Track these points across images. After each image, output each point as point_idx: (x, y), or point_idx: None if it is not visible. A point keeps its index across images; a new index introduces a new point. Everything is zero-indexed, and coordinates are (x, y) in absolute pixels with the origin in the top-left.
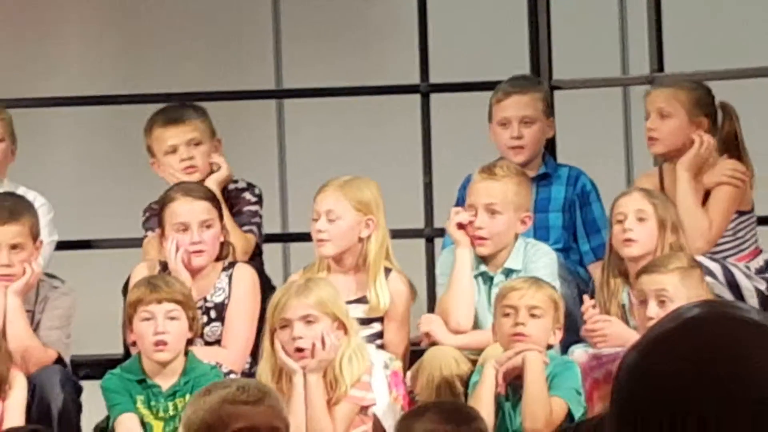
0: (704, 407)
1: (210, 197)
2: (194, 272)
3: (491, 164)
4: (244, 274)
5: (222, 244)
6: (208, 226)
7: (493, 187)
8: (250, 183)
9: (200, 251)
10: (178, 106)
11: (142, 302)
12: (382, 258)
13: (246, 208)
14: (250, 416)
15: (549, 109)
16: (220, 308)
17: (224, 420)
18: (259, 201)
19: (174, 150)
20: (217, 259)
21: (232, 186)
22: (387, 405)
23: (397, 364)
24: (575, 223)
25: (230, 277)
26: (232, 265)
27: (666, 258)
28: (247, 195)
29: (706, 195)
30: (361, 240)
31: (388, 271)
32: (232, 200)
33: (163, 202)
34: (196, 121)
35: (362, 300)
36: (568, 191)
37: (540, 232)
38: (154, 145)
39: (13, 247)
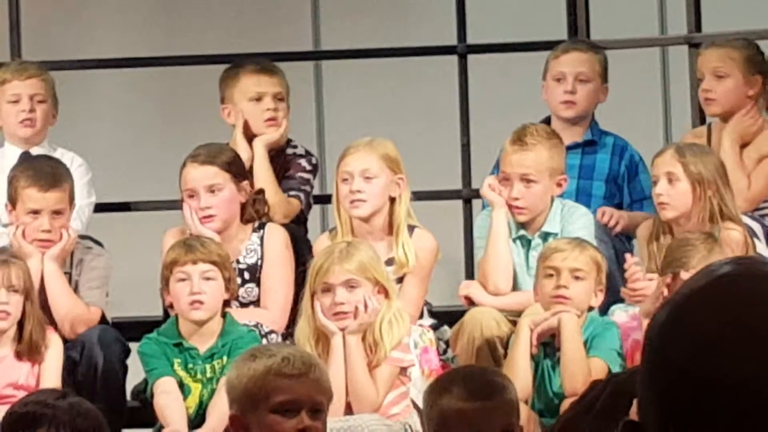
0: (740, 364)
1: (220, 161)
2: (219, 233)
3: (520, 132)
4: (276, 234)
5: (244, 206)
6: (218, 190)
7: (526, 157)
8: (308, 151)
9: (209, 216)
10: (264, 59)
11: (178, 263)
12: (406, 217)
13: (298, 174)
14: (292, 389)
15: (605, 74)
16: (253, 269)
17: (267, 391)
18: (314, 170)
19: (260, 98)
20: (246, 221)
21: (290, 150)
22: (420, 385)
23: (427, 339)
24: (622, 194)
25: (261, 239)
26: (262, 226)
27: (687, 251)
28: (303, 162)
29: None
30: (391, 200)
31: (411, 228)
32: (287, 164)
33: (180, 168)
34: (282, 78)
35: (388, 262)
36: (613, 162)
37: (582, 198)
38: (235, 92)
39: (54, 212)
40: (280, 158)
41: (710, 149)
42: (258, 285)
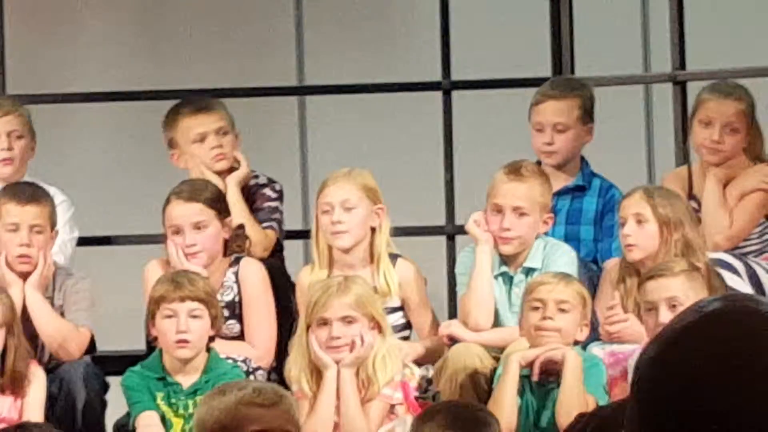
0: (729, 398)
1: (205, 198)
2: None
3: (516, 164)
4: (252, 269)
5: (227, 242)
6: (203, 227)
7: (520, 188)
8: (270, 179)
9: (195, 253)
10: (200, 98)
11: (166, 299)
12: (386, 246)
13: (266, 204)
14: (265, 419)
15: (587, 115)
16: (232, 306)
17: (239, 421)
18: (280, 197)
19: (202, 138)
20: (228, 255)
21: (252, 182)
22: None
23: (407, 374)
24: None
25: (236, 274)
26: (237, 261)
27: (669, 262)
28: (268, 191)
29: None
30: (372, 230)
31: (394, 258)
32: (252, 196)
33: (164, 204)
34: (222, 111)
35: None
36: (598, 203)
37: (571, 244)
38: (178, 136)
39: (33, 228)
40: (244, 191)
41: (677, 193)
42: (238, 321)
